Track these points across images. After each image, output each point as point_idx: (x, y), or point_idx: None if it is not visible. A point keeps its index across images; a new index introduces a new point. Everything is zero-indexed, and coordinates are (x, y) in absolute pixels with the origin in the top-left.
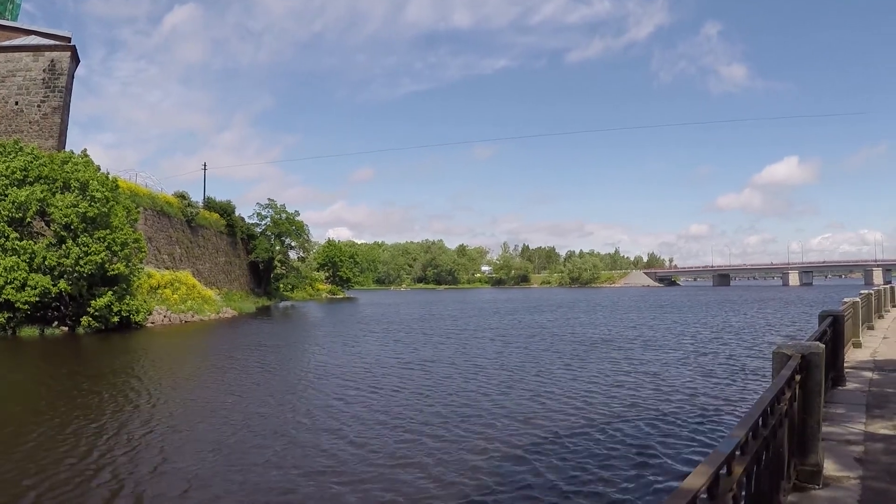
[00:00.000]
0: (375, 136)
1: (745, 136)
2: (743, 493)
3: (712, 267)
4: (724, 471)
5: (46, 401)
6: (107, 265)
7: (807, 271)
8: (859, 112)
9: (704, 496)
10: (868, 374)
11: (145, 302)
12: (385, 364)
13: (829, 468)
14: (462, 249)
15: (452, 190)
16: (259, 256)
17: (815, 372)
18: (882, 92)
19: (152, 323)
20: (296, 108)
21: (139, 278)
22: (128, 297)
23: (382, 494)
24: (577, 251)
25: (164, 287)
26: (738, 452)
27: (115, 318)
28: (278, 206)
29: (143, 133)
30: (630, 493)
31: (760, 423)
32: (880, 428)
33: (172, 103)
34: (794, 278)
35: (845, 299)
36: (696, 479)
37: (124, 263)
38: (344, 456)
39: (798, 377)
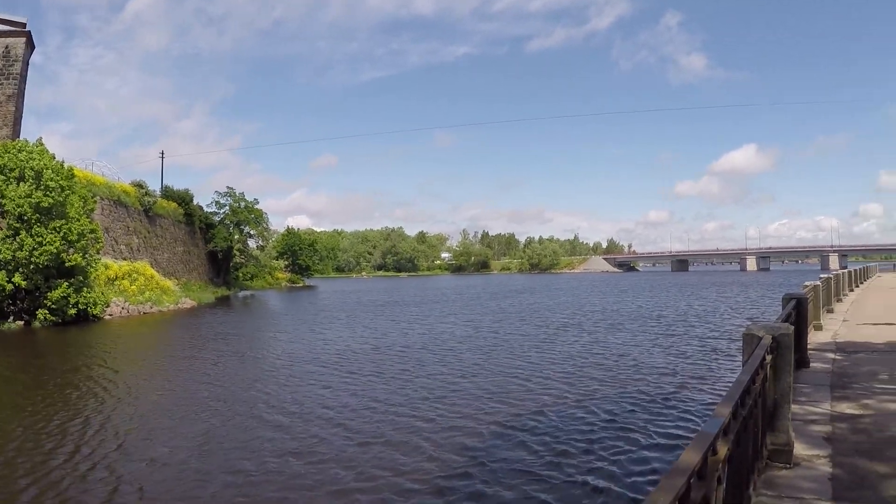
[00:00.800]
0: (337, 123)
1: (704, 125)
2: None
3: (671, 252)
4: (710, 451)
5: (23, 396)
6: (63, 256)
7: (764, 256)
8: (817, 101)
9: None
10: (830, 356)
11: (103, 294)
12: (357, 350)
13: (799, 448)
14: (422, 236)
15: (417, 177)
16: (218, 245)
17: (786, 353)
18: (840, 82)
19: (110, 315)
20: (256, 96)
21: (96, 270)
22: (85, 289)
23: (374, 472)
24: (537, 237)
25: (122, 278)
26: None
27: (73, 311)
28: (237, 194)
29: (101, 122)
30: (614, 466)
31: (739, 403)
32: (846, 408)
33: (131, 91)
34: (751, 263)
35: (806, 283)
36: (690, 457)
37: (81, 255)
38: (332, 439)
39: (769, 357)
